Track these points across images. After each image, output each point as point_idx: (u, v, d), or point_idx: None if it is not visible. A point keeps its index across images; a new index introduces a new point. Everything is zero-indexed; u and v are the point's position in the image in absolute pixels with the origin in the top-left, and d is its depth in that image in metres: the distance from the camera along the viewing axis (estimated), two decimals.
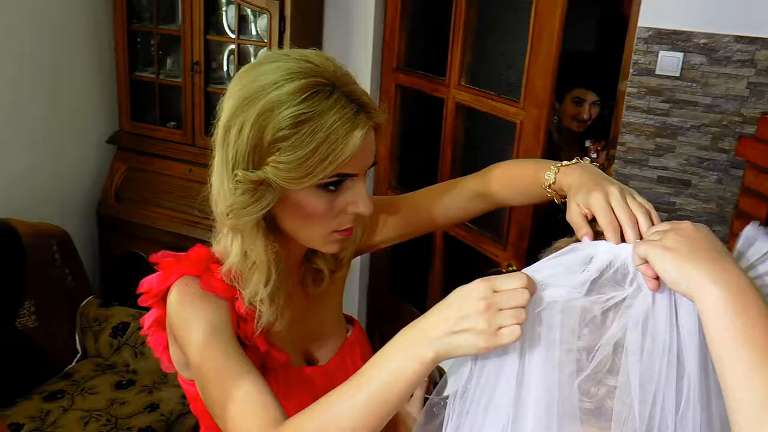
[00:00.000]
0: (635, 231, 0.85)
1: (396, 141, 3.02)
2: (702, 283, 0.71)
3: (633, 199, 0.89)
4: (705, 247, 0.74)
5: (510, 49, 2.45)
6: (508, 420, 0.80)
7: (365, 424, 0.84)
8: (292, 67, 0.97)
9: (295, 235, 1.05)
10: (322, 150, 0.94)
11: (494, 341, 0.77)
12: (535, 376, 0.80)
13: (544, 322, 0.80)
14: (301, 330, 1.14)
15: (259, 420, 0.91)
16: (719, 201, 2.28)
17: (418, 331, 0.83)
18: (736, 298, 0.69)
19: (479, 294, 0.79)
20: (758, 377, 0.66)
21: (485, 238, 2.64)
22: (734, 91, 2.17)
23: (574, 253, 0.83)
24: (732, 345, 0.68)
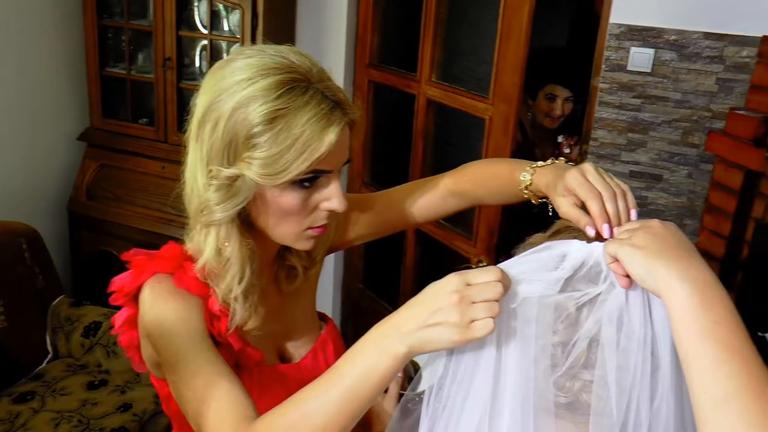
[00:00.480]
0: (614, 203, 0.85)
1: (369, 137, 3.02)
2: (670, 280, 0.72)
3: (610, 178, 0.91)
4: (673, 245, 0.75)
5: (480, 45, 2.46)
6: (484, 415, 0.80)
7: (338, 420, 0.83)
8: (268, 63, 0.96)
9: (269, 231, 1.04)
10: (298, 146, 0.94)
11: (467, 334, 0.77)
12: (511, 372, 0.80)
13: (520, 318, 0.80)
14: (274, 327, 1.14)
15: (232, 418, 0.90)
16: (690, 195, 2.31)
17: (390, 325, 0.82)
18: (702, 294, 0.71)
19: (452, 287, 0.79)
20: (722, 371, 0.67)
21: (456, 234, 2.65)
22: (704, 86, 2.20)
23: (548, 251, 0.84)
24: (697, 340, 0.69)
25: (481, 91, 2.43)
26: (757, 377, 0.67)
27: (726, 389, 0.66)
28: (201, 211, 1.00)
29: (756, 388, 0.66)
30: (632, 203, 0.88)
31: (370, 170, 3.08)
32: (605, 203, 0.86)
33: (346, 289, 3.32)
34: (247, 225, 1.04)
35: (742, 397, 0.66)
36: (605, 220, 0.85)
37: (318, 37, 2.92)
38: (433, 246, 2.78)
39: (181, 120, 2.85)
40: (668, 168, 2.31)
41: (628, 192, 0.89)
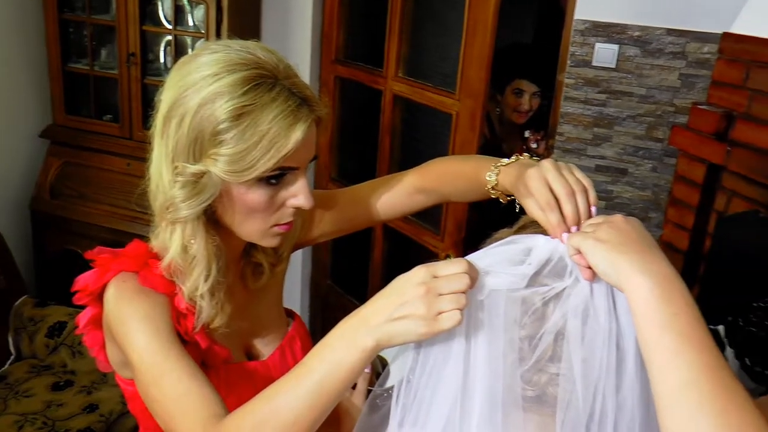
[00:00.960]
0: (572, 202, 0.85)
1: (336, 133, 3.02)
2: (631, 274, 0.73)
3: (571, 173, 0.89)
4: (635, 239, 0.77)
5: (446, 41, 2.47)
6: (454, 408, 0.81)
7: (307, 416, 0.83)
8: (234, 59, 0.95)
9: (236, 228, 1.03)
10: (264, 143, 0.93)
11: (434, 327, 0.77)
12: (481, 364, 0.80)
13: (487, 310, 0.81)
14: (241, 325, 1.13)
15: (200, 416, 0.89)
16: (654, 188, 2.35)
17: (358, 319, 0.82)
18: (662, 287, 0.72)
19: (419, 279, 0.79)
20: (681, 361, 0.69)
21: (424, 229, 2.66)
22: (667, 82, 2.23)
23: (513, 245, 0.84)
24: (657, 332, 0.71)
25: (447, 87, 2.43)
26: (715, 366, 0.68)
27: (685, 378, 0.68)
28: (166, 208, 0.99)
29: (714, 376, 0.68)
30: (593, 199, 0.88)
31: (337, 166, 3.08)
32: (563, 206, 0.85)
33: (313, 285, 3.31)
34: (213, 222, 1.03)
35: (701, 384, 0.67)
36: (564, 229, 0.84)
37: (283, 33, 2.90)
38: (401, 241, 2.78)
39: (146, 116, 2.81)
40: (633, 162, 2.34)
41: (590, 188, 0.89)
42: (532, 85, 2.65)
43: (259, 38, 2.88)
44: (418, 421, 0.83)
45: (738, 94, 2.10)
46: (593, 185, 0.90)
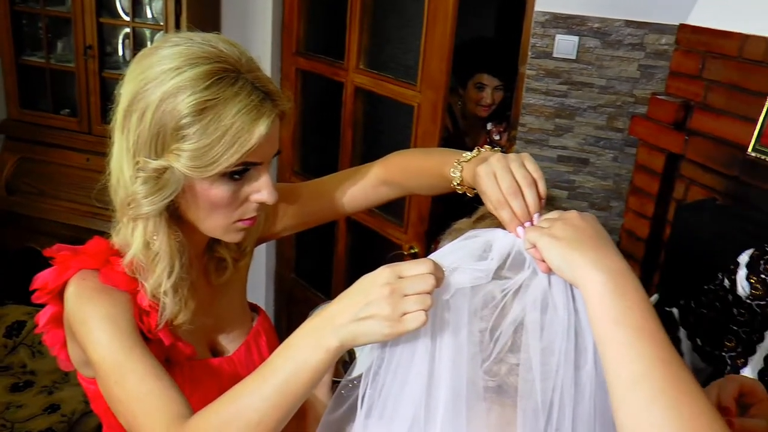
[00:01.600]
0: (519, 199, 0.86)
1: (298, 126, 3.00)
2: (586, 270, 0.75)
3: (520, 167, 0.89)
4: (589, 235, 0.78)
5: (407, 33, 2.47)
6: (420, 406, 0.81)
7: (272, 416, 0.83)
8: (196, 52, 0.94)
9: (199, 224, 1.02)
10: (227, 139, 0.92)
11: (399, 327, 0.77)
12: (445, 364, 0.81)
13: (453, 309, 0.81)
14: (205, 321, 1.12)
15: (164, 416, 0.89)
16: (615, 178, 2.38)
17: (323, 318, 0.82)
18: (616, 282, 0.74)
19: (384, 280, 0.79)
20: (633, 353, 0.70)
21: (387, 221, 2.66)
22: (626, 73, 2.26)
23: (474, 239, 0.85)
24: (611, 325, 0.72)
25: (409, 79, 2.44)
26: (667, 358, 0.70)
27: (638, 370, 0.69)
28: (128, 204, 0.98)
29: (667, 367, 0.69)
30: (543, 191, 0.88)
31: (300, 160, 3.06)
32: (511, 203, 0.86)
33: (278, 279, 3.30)
34: (176, 217, 1.02)
35: (653, 377, 0.69)
36: (517, 224, 0.85)
37: (243, 25, 2.87)
38: (365, 234, 2.78)
39: (105, 110, 2.77)
40: (594, 152, 2.37)
41: (539, 180, 0.89)
42: (493, 78, 2.67)
43: (219, 30, 2.83)
44: (384, 414, 0.83)
45: (695, 84, 2.14)
46: (543, 177, 0.90)
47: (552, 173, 2.39)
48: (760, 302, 1.44)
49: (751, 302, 1.46)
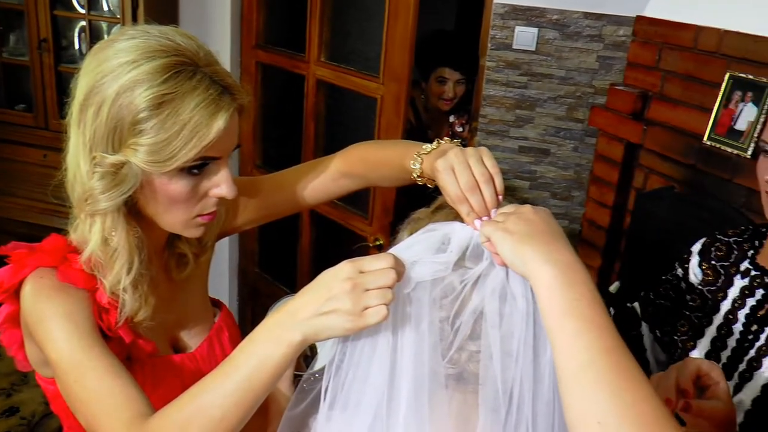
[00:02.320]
0: (477, 194, 0.87)
1: (259, 120, 2.98)
2: (536, 263, 0.77)
3: (479, 163, 0.91)
4: (542, 230, 0.80)
5: (368, 26, 2.47)
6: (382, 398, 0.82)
7: (235, 412, 0.83)
8: (153, 45, 0.93)
9: (158, 219, 1.01)
10: (186, 133, 0.91)
11: (360, 322, 0.78)
12: (407, 353, 0.82)
13: (414, 302, 0.82)
14: (166, 317, 1.11)
15: (124, 415, 0.88)
16: (576, 168, 2.41)
17: (285, 313, 0.83)
18: (564, 275, 0.76)
19: (345, 275, 0.79)
20: (580, 343, 0.72)
21: (351, 214, 2.66)
22: (585, 64, 2.29)
23: (432, 233, 0.86)
24: (560, 316, 0.74)
25: (371, 71, 2.44)
26: (613, 347, 0.72)
27: (584, 360, 0.71)
28: (85, 199, 0.96)
29: (611, 357, 0.71)
30: (500, 187, 0.90)
31: (262, 154, 3.04)
32: (469, 199, 0.88)
33: (242, 274, 3.28)
34: (135, 213, 1.01)
35: (599, 366, 0.71)
36: (474, 218, 0.87)
37: (202, 18, 2.84)
38: (329, 226, 2.78)
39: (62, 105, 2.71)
40: (555, 142, 2.40)
41: (497, 176, 0.91)
42: (455, 72, 2.68)
43: (177, 23, 2.81)
44: (348, 406, 0.84)
45: (652, 75, 2.18)
46: (500, 173, 0.91)
47: (513, 164, 2.41)
48: (710, 288, 1.47)
49: (702, 288, 1.49)
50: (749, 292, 1.39)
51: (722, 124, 1.95)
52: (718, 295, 1.46)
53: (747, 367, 1.32)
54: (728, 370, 1.36)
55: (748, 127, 1.88)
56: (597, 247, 2.39)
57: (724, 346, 1.40)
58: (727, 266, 1.46)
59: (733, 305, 1.41)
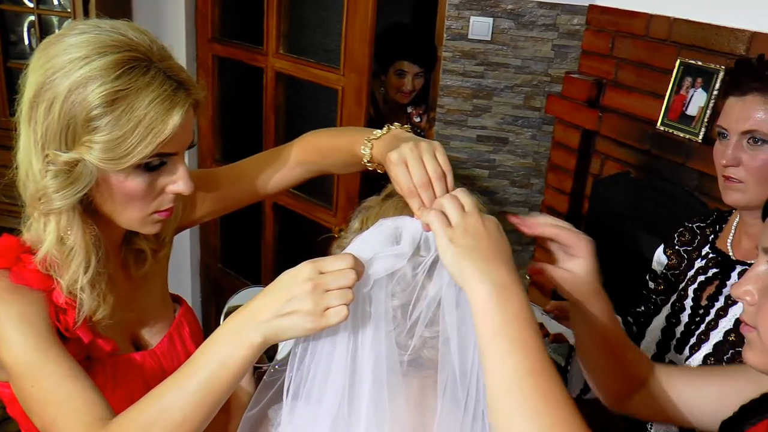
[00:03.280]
0: (430, 194, 0.88)
1: (218, 114, 2.95)
2: (473, 281, 0.78)
3: (432, 159, 0.91)
4: (485, 245, 0.81)
5: (327, 17, 2.47)
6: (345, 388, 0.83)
7: (196, 413, 0.83)
8: (105, 40, 0.91)
9: (115, 217, 1.00)
10: (141, 130, 0.90)
11: (321, 322, 0.79)
12: (367, 350, 0.83)
13: (374, 301, 0.84)
14: (126, 315, 1.09)
15: (83, 419, 0.87)
16: (534, 156, 2.44)
17: (246, 314, 0.83)
18: (499, 295, 0.77)
19: (306, 275, 0.80)
20: (507, 365, 0.74)
21: (315, 205, 2.66)
22: (541, 53, 2.32)
23: (382, 227, 0.87)
24: (491, 335, 0.76)
25: (331, 63, 2.43)
26: (539, 369, 0.74)
27: (508, 381, 0.73)
28: (38, 198, 0.95)
29: (536, 379, 0.73)
30: (451, 184, 0.91)
31: (221, 148, 3.02)
32: (421, 194, 0.88)
33: (204, 269, 3.26)
34: (91, 211, 0.99)
35: (522, 387, 0.73)
36: (424, 212, 0.87)
37: (156, 12, 2.80)
38: (293, 219, 2.77)
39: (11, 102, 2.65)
40: (513, 131, 2.42)
41: (449, 172, 0.91)
42: (414, 66, 2.68)
43: (130, 17, 2.76)
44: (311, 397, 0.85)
45: (606, 62, 2.21)
46: (452, 170, 0.92)
47: (472, 153, 2.43)
48: (674, 271, 1.52)
49: (666, 272, 1.53)
50: (703, 270, 1.44)
51: (674, 109, 1.99)
52: (679, 278, 1.51)
53: (696, 341, 1.38)
54: (681, 344, 1.41)
55: (698, 112, 1.92)
56: None
57: (678, 322, 1.45)
58: (690, 251, 1.51)
59: (686, 283, 1.46)
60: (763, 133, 1.28)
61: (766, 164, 1.29)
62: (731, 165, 1.33)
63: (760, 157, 1.29)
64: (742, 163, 1.32)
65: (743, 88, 1.31)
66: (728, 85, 1.37)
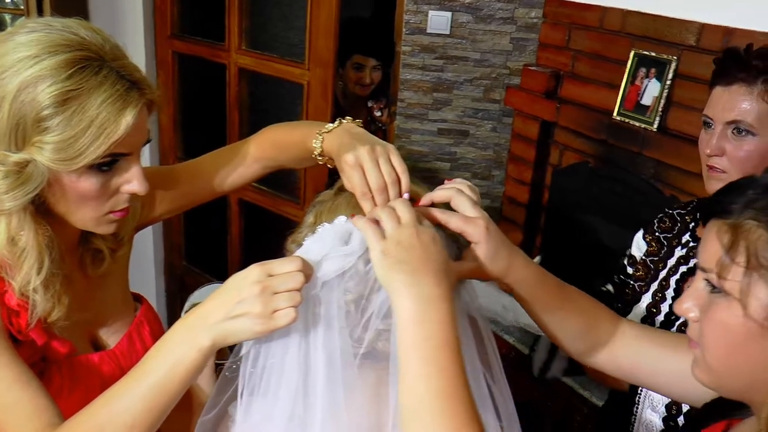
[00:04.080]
0: (384, 198, 0.90)
1: (179, 110, 2.93)
2: (398, 295, 0.78)
3: (386, 163, 0.92)
4: (417, 257, 0.80)
5: (288, 12, 2.47)
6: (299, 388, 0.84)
7: (146, 417, 0.84)
8: (55, 39, 0.90)
9: (69, 217, 0.99)
10: (93, 130, 0.89)
11: (270, 324, 0.80)
12: (320, 348, 0.84)
13: (324, 302, 0.84)
14: (83, 315, 1.08)
15: (33, 426, 0.87)
16: (495, 148, 2.47)
17: (196, 317, 0.84)
18: (422, 311, 0.77)
19: (254, 278, 0.81)
20: (419, 384, 0.75)
21: (281, 199, 2.66)
22: (499, 46, 2.34)
23: (333, 229, 0.87)
24: (407, 351, 0.76)
25: (295, 57, 2.44)
26: (449, 392, 0.74)
27: (417, 400, 0.74)
28: None
29: (445, 401, 0.73)
30: (405, 187, 0.92)
31: (183, 145, 3.00)
32: (375, 197, 0.90)
33: (168, 267, 3.24)
34: (44, 211, 0.98)
35: (430, 409, 0.73)
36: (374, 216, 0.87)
37: (113, 9, 2.77)
38: (259, 214, 2.77)
39: None
40: (474, 124, 2.44)
41: (403, 174, 0.93)
42: (371, 59, 2.70)
43: (86, 16, 2.72)
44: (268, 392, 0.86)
45: (563, 55, 2.24)
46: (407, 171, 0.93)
47: (433, 146, 2.45)
48: (653, 258, 1.53)
49: (645, 258, 1.54)
50: (684, 260, 1.46)
51: (630, 99, 2.03)
52: (659, 265, 1.51)
53: (677, 331, 1.39)
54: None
55: (653, 102, 1.96)
56: (518, 223, 2.45)
57: (658, 312, 1.46)
58: (669, 238, 1.51)
59: (668, 273, 1.48)
60: (747, 123, 1.27)
61: (749, 155, 1.28)
62: (715, 155, 1.32)
63: (744, 147, 1.29)
64: (726, 153, 1.31)
65: (729, 78, 1.30)
66: (715, 75, 1.35)
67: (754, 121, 1.27)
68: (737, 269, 0.72)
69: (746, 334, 0.72)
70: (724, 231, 0.74)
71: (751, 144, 1.28)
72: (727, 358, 0.76)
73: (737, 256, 0.72)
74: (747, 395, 0.76)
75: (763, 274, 0.70)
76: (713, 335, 0.76)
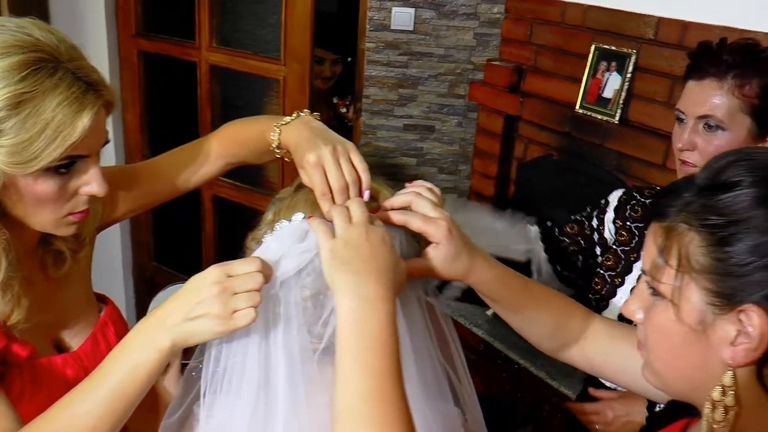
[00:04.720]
0: (344, 198, 0.91)
1: (145, 110, 2.91)
2: (340, 294, 0.79)
3: (347, 163, 0.94)
4: (362, 258, 0.80)
5: (260, 8, 2.47)
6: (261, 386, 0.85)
7: (107, 420, 0.84)
8: (8, 40, 0.89)
9: (27, 220, 0.98)
10: (48, 133, 0.88)
11: (229, 325, 0.80)
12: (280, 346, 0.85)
13: (283, 301, 0.85)
14: (45, 317, 1.07)
15: None
16: (461, 142, 2.48)
17: (156, 319, 0.84)
18: (361, 311, 0.78)
19: (213, 279, 0.81)
20: (350, 384, 0.75)
21: (258, 194, 2.65)
22: (463, 41, 2.36)
23: (291, 227, 0.88)
24: (343, 352, 0.77)
25: (269, 53, 2.44)
26: (379, 393, 0.74)
27: (349, 401, 0.75)
28: None
29: (375, 403, 0.74)
30: (366, 185, 0.94)
31: (150, 145, 2.97)
32: (335, 197, 0.91)
33: (137, 268, 3.21)
34: (0, 214, 0.97)
35: (362, 410, 0.74)
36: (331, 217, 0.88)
37: (73, 9, 2.73)
38: (234, 210, 2.77)
39: None
40: (439, 119, 2.46)
41: (363, 173, 0.94)
42: (329, 53, 2.71)
43: (46, 15, 2.69)
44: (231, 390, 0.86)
45: (525, 49, 2.27)
46: (368, 169, 0.95)
47: (399, 142, 2.46)
48: (624, 248, 1.52)
49: (616, 248, 1.54)
50: None
51: (591, 93, 2.06)
52: (631, 256, 1.51)
53: None
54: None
55: (614, 94, 2.00)
56: None
57: None
58: (641, 227, 1.50)
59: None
60: (717, 119, 1.28)
61: (719, 150, 1.25)
62: (687, 149, 1.32)
63: (715, 142, 1.29)
64: (698, 148, 1.31)
65: (701, 73, 1.30)
66: (688, 69, 1.35)
67: (724, 117, 1.27)
68: (670, 272, 0.72)
69: (682, 337, 0.72)
70: (659, 234, 0.74)
71: (721, 139, 1.29)
72: (669, 361, 0.75)
73: (670, 258, 0.72)
74: (692, 396, 0.76)
75: (694, 278, 0.69)
76: (653, 338, 0.77)
